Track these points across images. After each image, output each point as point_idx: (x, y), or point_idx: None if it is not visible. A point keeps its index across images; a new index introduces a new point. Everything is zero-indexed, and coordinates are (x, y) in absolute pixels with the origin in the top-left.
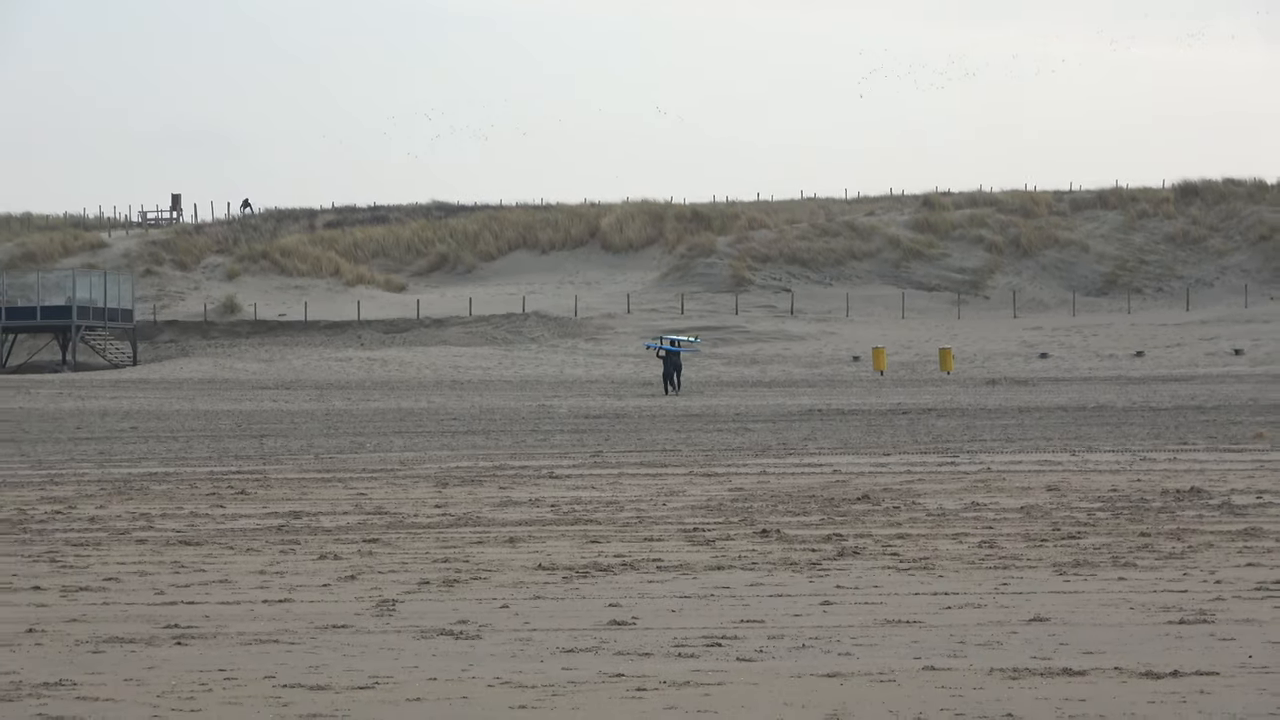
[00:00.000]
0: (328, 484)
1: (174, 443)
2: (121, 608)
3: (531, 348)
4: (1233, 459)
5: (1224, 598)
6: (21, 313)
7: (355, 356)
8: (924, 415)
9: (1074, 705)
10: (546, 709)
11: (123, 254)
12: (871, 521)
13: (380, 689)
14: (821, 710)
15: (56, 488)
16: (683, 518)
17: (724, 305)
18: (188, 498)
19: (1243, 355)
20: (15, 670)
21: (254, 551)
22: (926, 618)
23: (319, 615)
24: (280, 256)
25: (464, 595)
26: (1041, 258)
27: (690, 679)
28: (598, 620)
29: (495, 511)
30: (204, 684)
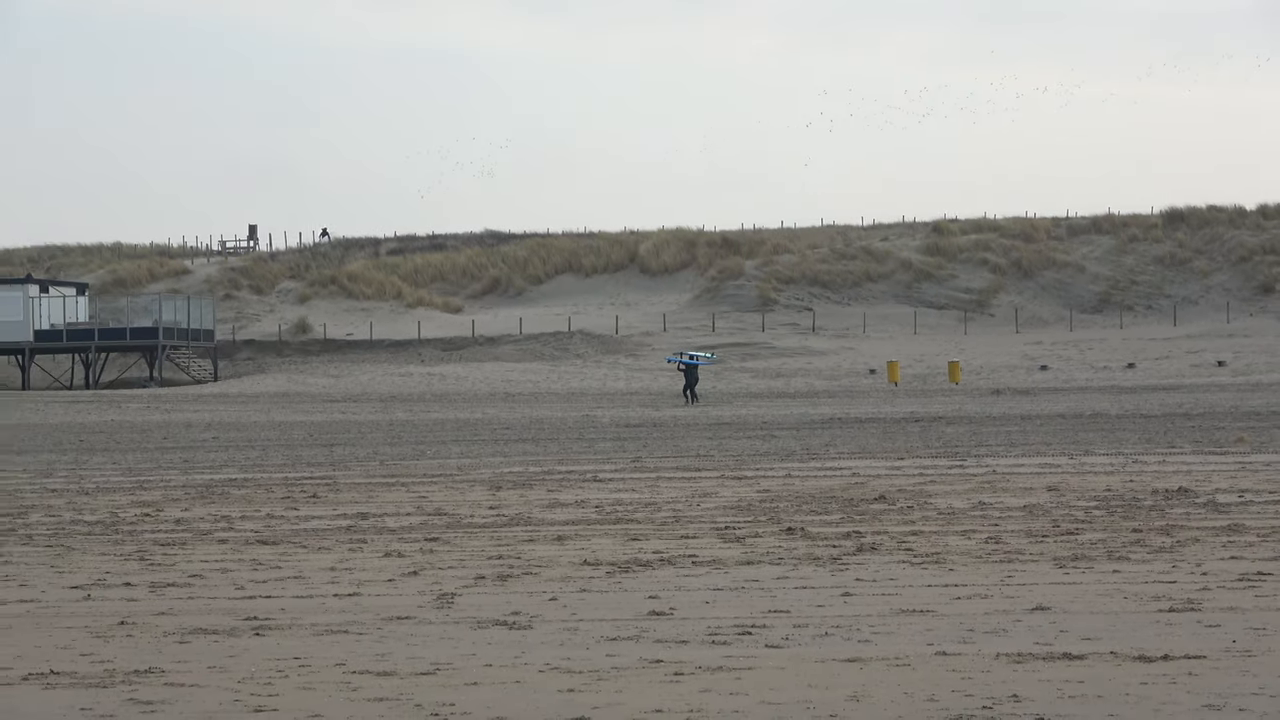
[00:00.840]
0: (392, 488)
1: (251, 451)
2: (205, 602)
3: (576, 363)
4: (1217, 461)
5: (1210, 588)
6: (113, 334)
7: (416, 372)
8: (935, 423)
9: (1073, 687)
10: (592, 692)
11: (204, 280)
12: (887, 520)
13: (441, 675)
14: (843, 692)
15: (145, 492)
16: (715, 517)
17: (752, 324)
18: (264, 501)
19: (1225, 366)
20: (109, 659)
21: (325, 550)
22: (938, 607)
23: (385, 608)
24: (348, 281)
25: (516, 589)
26: (1041, 278)
27: (723, 664)
28: (638, 611)
29: (544, 512)
30: (280, 671)
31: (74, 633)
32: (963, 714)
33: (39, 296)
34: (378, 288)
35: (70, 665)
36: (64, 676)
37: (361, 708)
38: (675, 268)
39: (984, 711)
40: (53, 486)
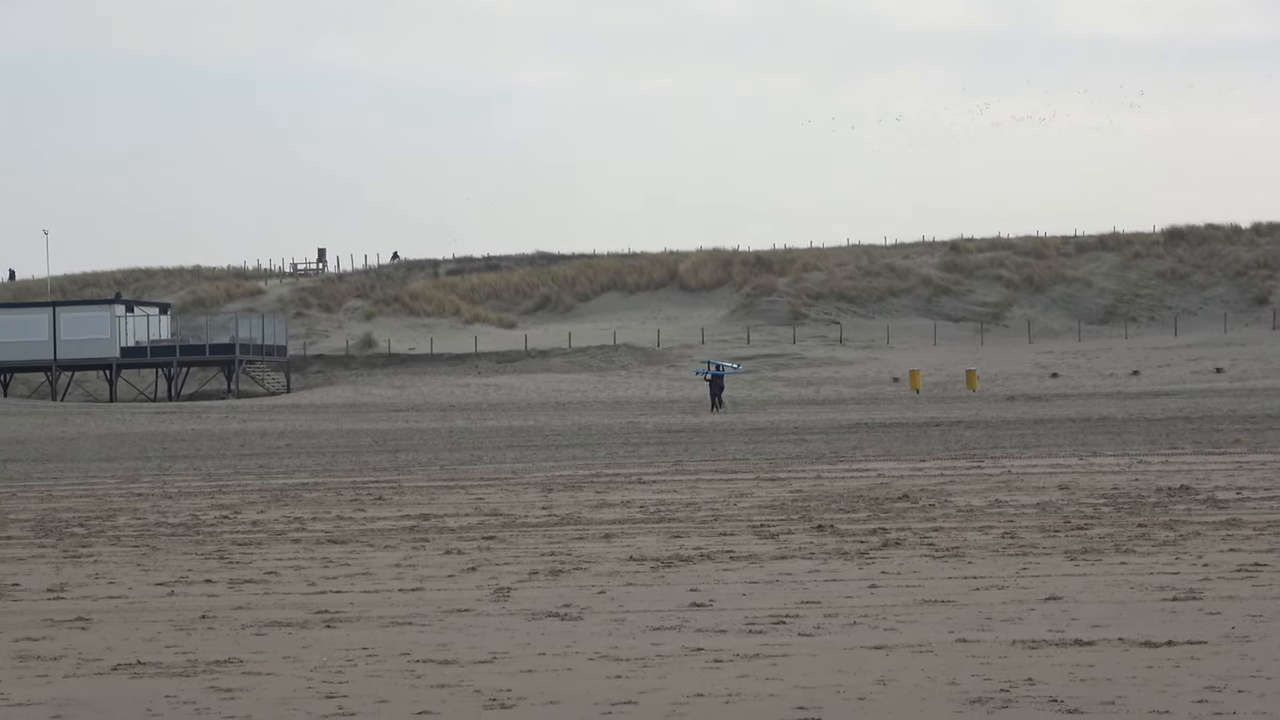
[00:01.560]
0: (451, 491)
1: (322, 457)
2: (279, 597)
3: (621, 374)
4: (1216, 461)
5: (1210, 578)
6: (193, 350)
7: (473, 383)
8: (954, 427)
9: (1084, 670)
10: (638, 679)
11: (277, 299)
12: (910, 517)
13: (498, 663)
14: (870, 677)
15: (224, 496)
16: (751, 516)
17: (783, 336)
18: (334, 503)
19: (1223, 373)
20: (191, 650)
21: (390, 548)
22: (958, 598)
23: (446, 601)
24: (410, 300)
25: (567, 583)
26: (1051, 292)
27: (759, 652)
28: (680, 603)
29: (593, 512)
30: (350, 660)
31: (159, 626)
32: (982, 697)
33: (125, 316)
34: (437, 305)
35: (156, 656)
36: (150, 666)
37: (425, 694)
38: (712, 285)
39: (1001, 694)
40: (138, 491)
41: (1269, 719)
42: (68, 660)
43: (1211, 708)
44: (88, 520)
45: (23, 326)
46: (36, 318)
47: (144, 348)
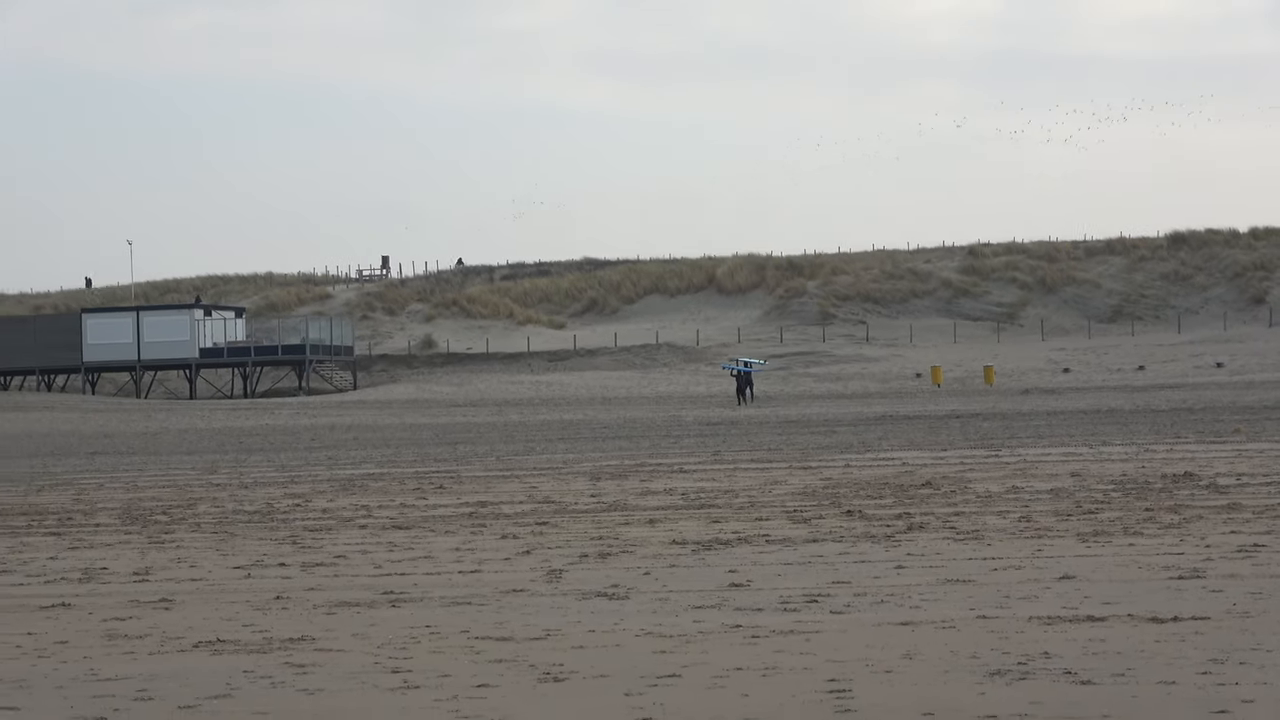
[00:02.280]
0: (506, 480)
1: (386, 449)
2: (348, 579)
3: (663, 371)
4: (1217, 449)
5: (1212, 558)
6: (266, 350)
7: (526, 380)
8: (973, 419)
9: (1096, 644)
10: (681, 654)
11: (344, 303)
12: (933, 503)
13: (551, 639)
14: (897, 651)
15: (296, 485)
16: (785, 502)
17: (814, 335)
18: (398, 492)
19: (1223, 368)
20: (267, 629)
21: (450, 533)
22: (978, 577)
23: (502, 582)
24: (467, 303)
25: (615, 565)
26: (1063, 293)
27: (794, 628)
28: (720, 583)
29: (638, 499)
30: (414, 637)
31: (237, 606)
32: (1001, 669)
33: (203, 319)
34: (493, 308)
35: (234, 634)
36: (229, 644)
37: (484, 668)
38: (747, 288)
39: (1019, 667)
40: (217, 482)
41: (1269, 689)
42: (152, 638)
43: (1215, 679)
44: (170, 508)
45: (110, 330)
46: (122, 322)
47: (221, 349)
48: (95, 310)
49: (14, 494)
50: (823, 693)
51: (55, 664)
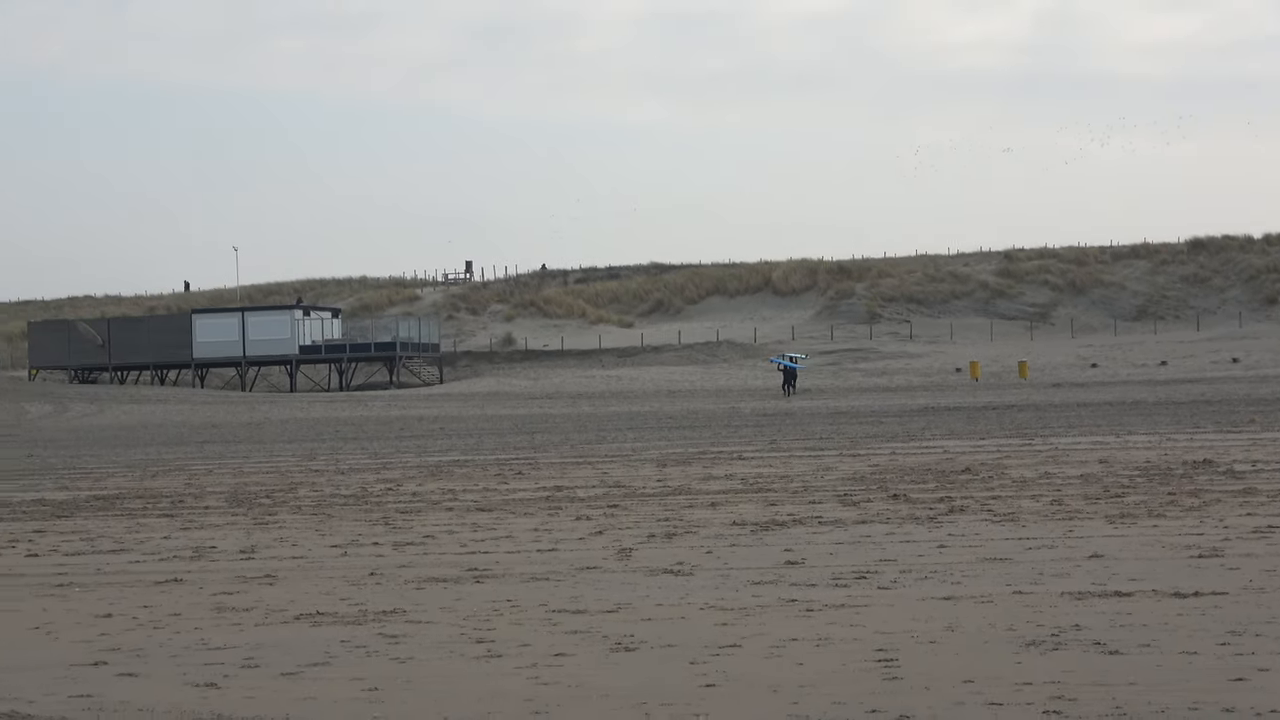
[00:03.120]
0: (580, 466)
1: (470, 438)
2: (436, 556)
3: (723, 366)
4: (1233, 438)
5: (1230, 539)
6: (360, 348)
7: (597, 374)
8: (1008, 410)
9: (1123, 617)
10: (741, 626)
11: (431, 304)
12: (972, 487)
13: (622, 612)
14: (940, 624)
15: (388, 471)
16: (836, 486)
17: (861, 334)
18: (481, 477)
19: (1239, 363)
20: (362, 602)
21: (529, 515)
22: (1014, 556)
23: (577, 560)
24: (544, 304)
25: (680, 544)
26: (1091, 294)
27: (845, 602)
28: (776, 561)
29: (700, 484)
30: (497, 610)
31: (334, 582)
32: (1035, 640)
33: (303, 319)
34: (567, 308)
35: (332, 607)
36: (328, 616)
37: (561, 638)
38: (801, 290)
39: (1052, 638)
40: (315, 468)
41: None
42: (258, 611)
43: (1233, 649)
44: (273, 492)
45: (217, 329)
46: (229, 321)
47: (319, 346)
48: (204, 311)
49: (131, 479)
50: (871, 662)
51: (169, 634)
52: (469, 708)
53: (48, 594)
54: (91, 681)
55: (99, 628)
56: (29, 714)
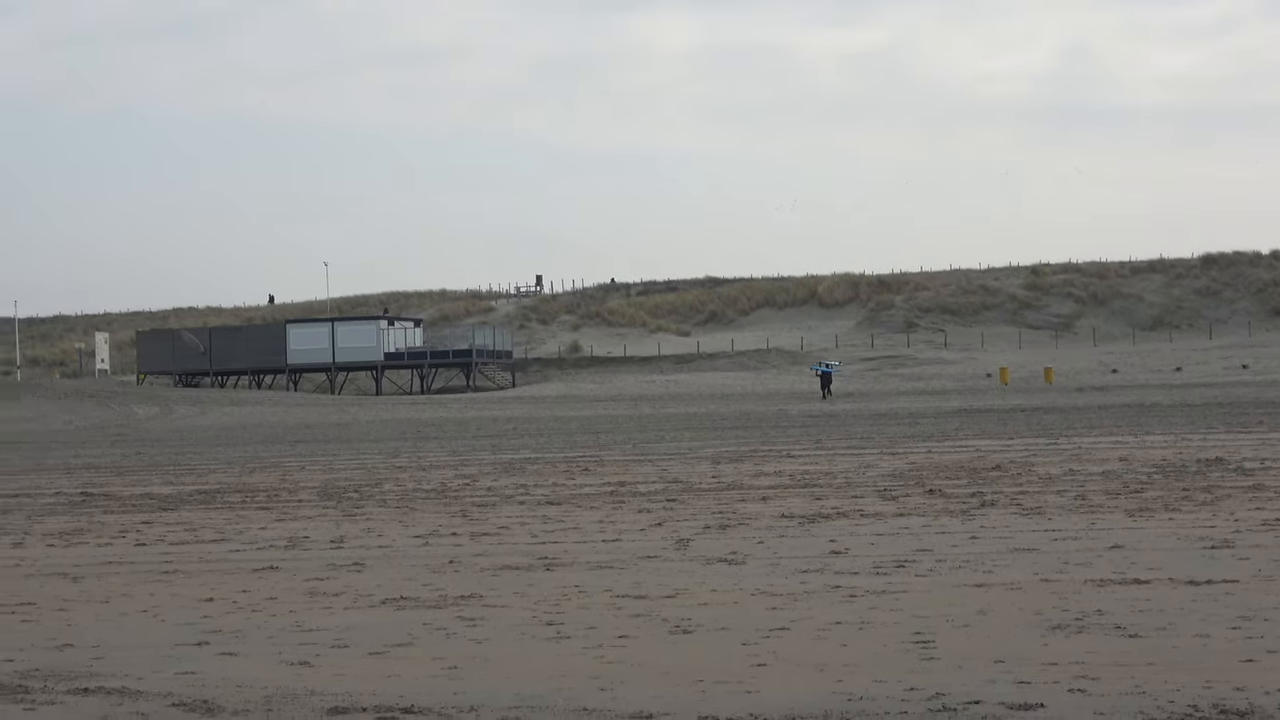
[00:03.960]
0: (641, 463)
1: (540, 437)
2: (510, 546)
3: (772, 372)
4: (1243, 438)
5: (1240, 531)
6: (440, 354)
7: (657, 379)
8: (1035, 412)
9: (1142, 603)
10: (789, 610)
11: (505, 315)
12: (1002, 483)
13: (680, 597)
14: (973, 608)
15: (465, 468)
16: (876, 482)
17: (900, 342)
18: (550, 473)
19: (1248, 369)
20: (442, 588)
21: (595, 508)
22: (1041, 546)
23: (639, 549)
24: (608, 314)
25: (734, 535)
26: (1112, 306)
27: (885, 589)
28: (822, 551)
29: (752, 479)
30: (565, 595)
31: (417, 569)
32: (1060, 624)
33: (387, 328)
34: (629, 319)
35: (415, 592)
36: (410, 600)
37: (624, 621)
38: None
39: (1076, 622)
40: (399, 465)
41: None
42: (347, 595)
43: (1244, 633)
44: (360, 487)
45: (309, 337)
46: (319, 330)
47: (402, 353)
48: (297, 321)
49: (230, 475)
50: (909, 643)
51: (266, 617)
52: (540, 684)
53: (155, 580)
54: (195, 660)
55: (201, 611)
56: (138, 690)
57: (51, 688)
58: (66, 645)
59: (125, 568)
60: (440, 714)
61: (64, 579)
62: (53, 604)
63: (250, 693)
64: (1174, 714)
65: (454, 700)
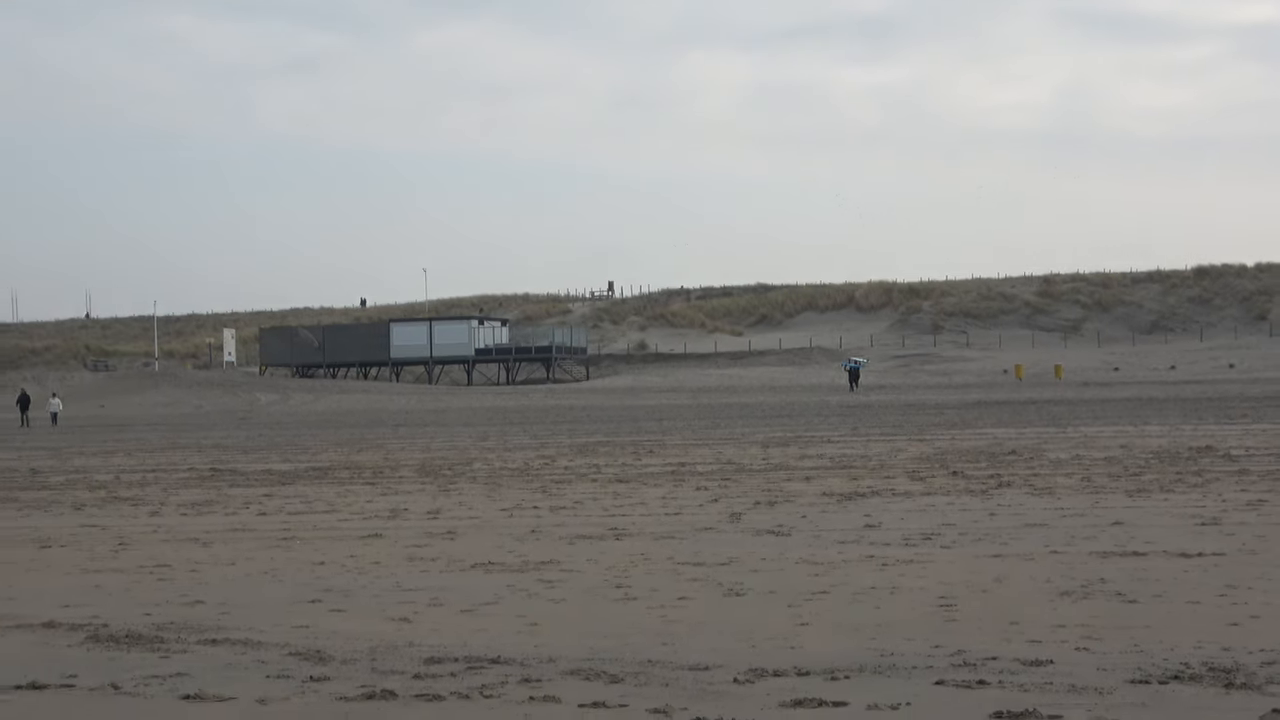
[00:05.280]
0: (699, 446)
1: (610, 423)
2: (584, 518)
3: (815, 368)
4: (1230, 429)
5: (1227, 510)
6: (523, 350)
7: (713, 373)
8: (1046, 404)
9: (1140, 572)
10: (829, 576)
11: (580, 316)
12: (1017, 466)
13: (733, 565)
14: (991, 575)
15: (545, 449)
16: (906, 465)
17: (927, 342)
18: (619, 454)
19: (1234, 368)
20: (525, 555)
21: (658, 485)
22: (1050, 522)
23: (697, 522)
24: (670, 316)
25: (780, 511)
26: (1115, 312)
27: (914, 559)
28: (857, 524)
29: (796, 461)
30: (633, 562)
31: (502, 538)
32: (1068, 590)
33: (478, 327)
34: (689, 320)
35: (501, 558)
36: (497, 565)
37: (684, 585)
38: (878, 306)
39: (1082, 589)
40: (487, 446)
41: (1271, 608)
42: (441, 560)
43: (1230, 600)
44: (453, 465)
45: (410, 334)
46: (419, 328)
47: (490, 349)
48: (399, 320)
49: (340, 454)
50: (935, 606)
51: (371, 578)
52: (610, 640)
53: (274, 545)
54: (309, 615)
55: (315, 572)
56: (260, 641)
57: (184, 639)
58: (197, 602)
59: (248, 534)
60: (522, 664)
61: (195, 544)
62: (185, 566)
63: (357, 644)
64: (1168, 670)
65: (534, 652)
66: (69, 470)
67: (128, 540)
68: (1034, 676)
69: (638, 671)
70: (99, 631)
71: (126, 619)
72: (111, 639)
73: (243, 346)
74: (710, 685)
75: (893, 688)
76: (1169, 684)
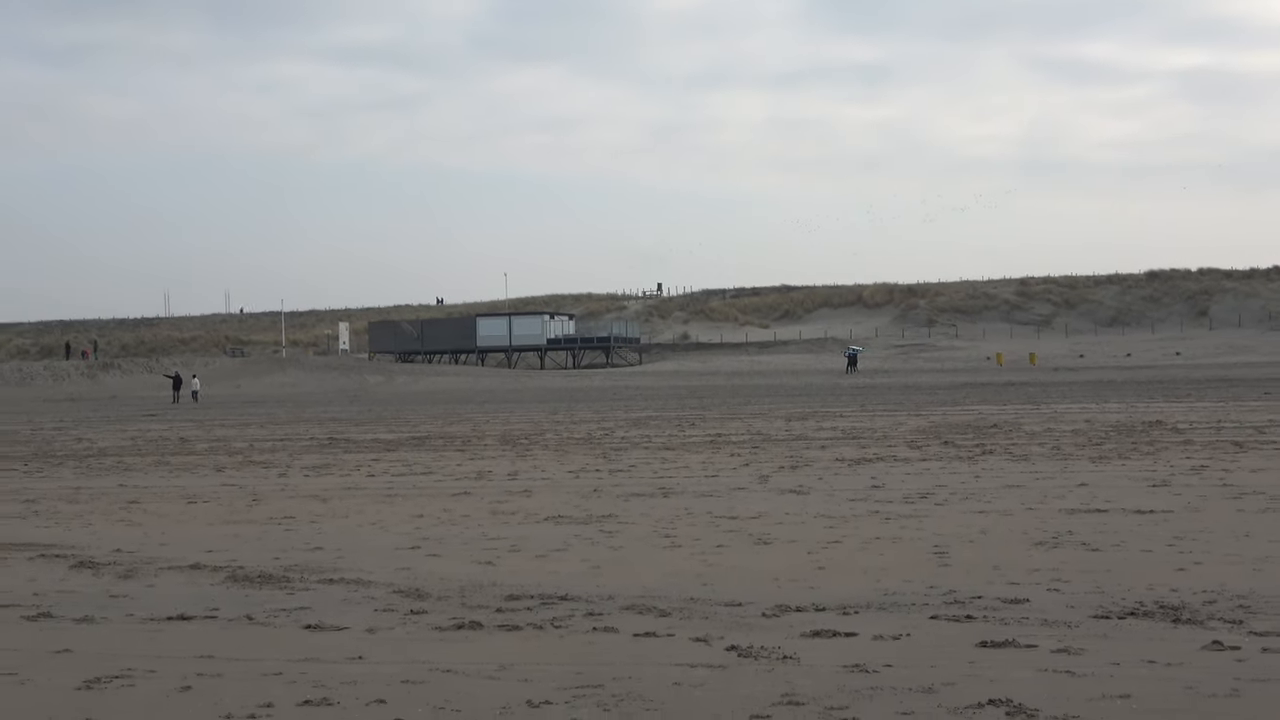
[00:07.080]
0: (733, 420)
1: (658, 401)
2: (637, 479)
3: (829, 355)
4: (1176, 406)
5: (1175, 474)
6: (587, 340)
7: (744, 360)
8: (1022, 386)
9: (1101, 526)
10: (841, 529)
11: (634, 312)
12: (998, 437)
13: (761, 519)
14: (977, 529)
15: (604, 423)
16: (905, 435)
17: (923, 334)
18: (666, 427)
19: (1180, 356)
20: (588, 509)
21: (698, 452)
22: (1026, 484)
23: (730, 482)
24: (709, 312)
25: (801, 473)
26: (1080, 309)
27: (913, 514)
28: (865, 485)
29: (813, 433)
30: (678, 515)
31: (568, 495)
32: (1042, 540)
33: (549, 321)
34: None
35: (568, 512)
36: (565, 519)
37: (719, 535)
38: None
39: (1053, 540)
40: (557, 419)
41: (1211, 555)
42: (519, 515)
43: (1177, 550)
44: (529, 435)
45: (493, 327)
46: (500, 321)
47: (559, 339)
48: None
49: (435, 426)
50: (930, 553)
51: (461, 529)
52: (659, 580)
53: (381, 501)
54: (409, 559)
55: (414, 524)
56: (369, 580)
57: (306, 578)
58: (317, 548)
59: (359, 492)
60: (586, 601)
61: (315, 500)
62: (307, 518)
63: (449, 583)
64: (1124, 607)
65: (597, 591)
66: (211, 439)
67: (260, 497)
68: (1013, 612)
69: (682, 607)
70: (236, 572)
71: (259, 562)
72: (246, 579)
73: (355, 337)
74: (743, 619)
75: (895, 621)
76: (1126, 619)
